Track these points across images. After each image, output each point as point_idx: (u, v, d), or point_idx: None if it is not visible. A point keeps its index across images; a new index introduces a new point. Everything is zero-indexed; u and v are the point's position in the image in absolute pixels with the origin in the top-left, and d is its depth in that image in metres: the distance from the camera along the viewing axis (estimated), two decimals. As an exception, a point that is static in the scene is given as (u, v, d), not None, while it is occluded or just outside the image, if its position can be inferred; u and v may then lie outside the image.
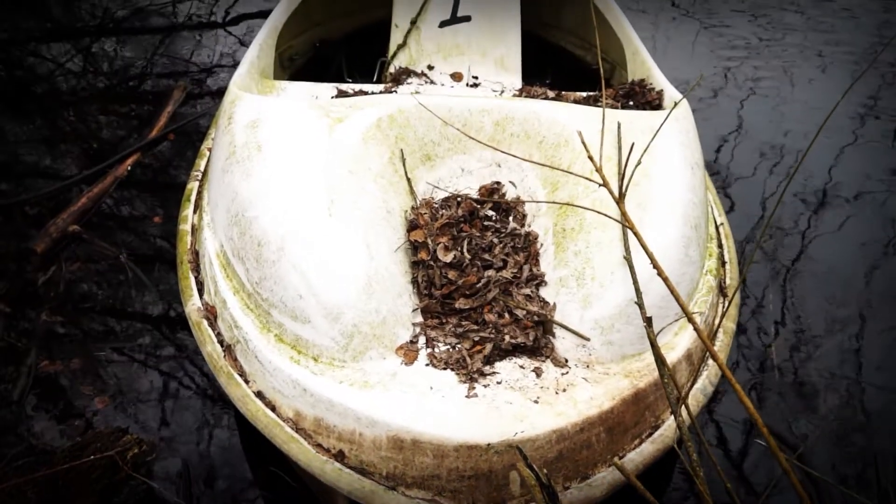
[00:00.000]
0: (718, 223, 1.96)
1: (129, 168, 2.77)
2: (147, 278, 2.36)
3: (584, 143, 1.29)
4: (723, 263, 1.81)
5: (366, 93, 2.20)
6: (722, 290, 1.74)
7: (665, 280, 1.23)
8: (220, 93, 3.33)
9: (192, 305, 1.66)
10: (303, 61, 2.89)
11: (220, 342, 1.57)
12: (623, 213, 1.24)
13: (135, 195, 2.74)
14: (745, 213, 2.73)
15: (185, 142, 2.94)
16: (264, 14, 4.07)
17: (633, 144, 1.30)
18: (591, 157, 1.23)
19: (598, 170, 1.23)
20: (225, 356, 1.54)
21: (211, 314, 1.63)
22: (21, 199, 2.61)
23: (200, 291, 1.70)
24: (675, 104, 1.79)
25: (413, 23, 2.37)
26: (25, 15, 4.10)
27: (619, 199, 1.24)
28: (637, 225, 1.48)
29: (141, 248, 2.50)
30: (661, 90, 2.20)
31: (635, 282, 1.34)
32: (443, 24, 2.37)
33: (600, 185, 1.24)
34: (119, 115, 3.27)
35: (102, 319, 2.26)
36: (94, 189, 2.61)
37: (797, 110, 3.41)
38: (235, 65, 3.60)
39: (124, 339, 2.19)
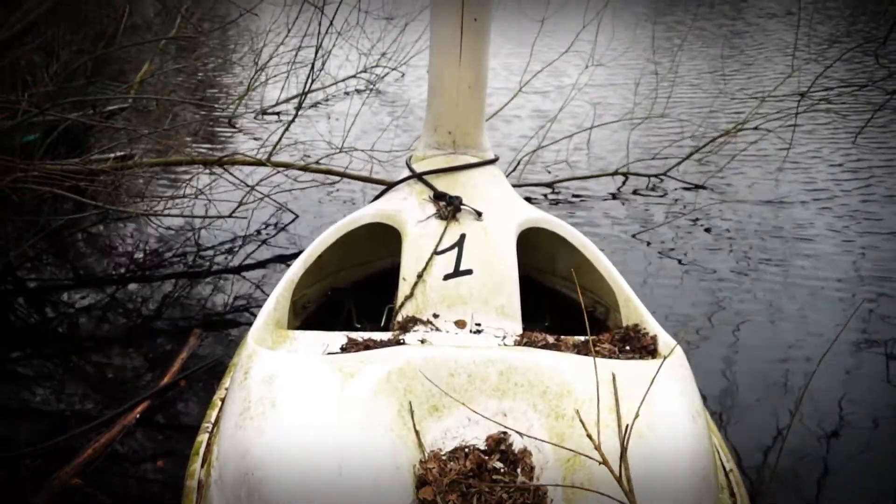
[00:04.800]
0: (728, 469, 1.95)
1: (137, 416, 2.80)
2: (144, 536, 2.27)
3: (582, 421, 1.36)
4: (738, 514, 1.77)
5: (375, 341, 2.32)
6: (741, 544, 1.69)
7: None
8: (233, 338, 3.47)
9: (194, 573, 1.60)
10: (315, 308, 3.07)
11: None
12: (627, 493, 1.28)
13: (141, 440, 2.74)
14: (753, 452, 2.70)
15: (196, 388, 3.01)
16: (277, 259, 4.41)
17: (630, 421, 1.37)
18: (589, 436, 1.30)
19: (598, 447, 1.29)
20: None
21: (212, 582, 1.56)
22: (24, 452, 2.60)
23: (203, 555, 1.64)
24: (669, 353, 1.89)
25: (419, 276, 2.56)
26: (55, 264, 4.42)
27: (620, 478, 1.28)
28: (644, 480, 1.48)
29: (142, 498, 2.44)
30: (655, 335, 2.32)
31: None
32: (447, 277, 2.57)
33: (601, 462, 1.29)
34: (133, 360, 3.37)
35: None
36: (100, 440, 2.61)
37: (791, 341, 3.53)
38: (249, 309, 3.82)
39: None
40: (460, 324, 2.50)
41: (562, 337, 2.36)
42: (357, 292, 3.15)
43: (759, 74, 7.78)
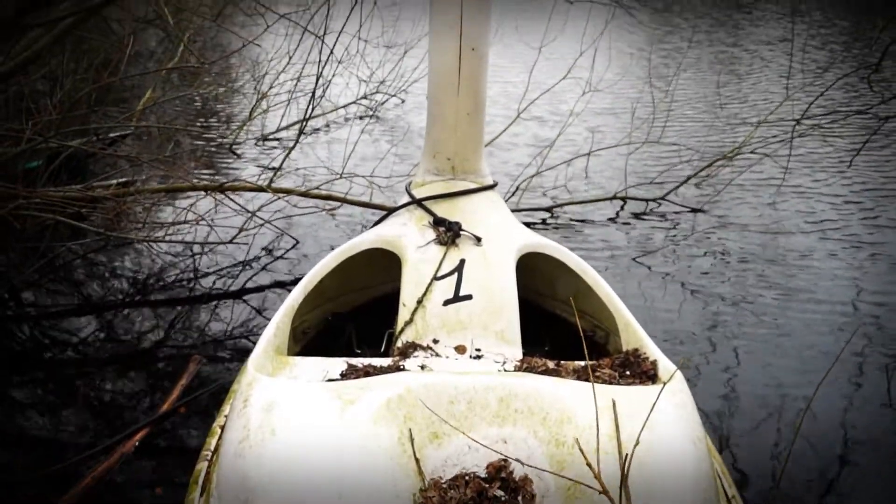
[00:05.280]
0: (730, 496, 1.94)
1: (136, 443, 2.78)
2: (142, 565, 2.25)
3: (581, 450, 1.36)
4: (741, 541, 1.76)
5: (375, 367, 2.32)
6: (744, 572, 1.67)
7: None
8: (233, 364, 3.46)
9: None
10: (315, 333, 3.07)
11: None
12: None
13: (139, 468, 2.73)
14: (755, 478, 2.69)
15: (196, 415, 3.00)
16: (277, 285, 4.42)
17: (630, 450, 1.37)
18: (589, 465, 1.30)
19: (598, 476, 1.29)
20: None
21: None
22: (22, 480, 2.58)
23: (201, 586, 1.63)
24: (669, 378, 1.89)
25: (419, 302, 2.57)
26: (55, 290, 4.42)
27: None
28: (647, 507, 1.48)
29: (138, 529, 2.42)
30: (655, 360, 2.32)
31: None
32: (447, 303, 2.57)
33: (601, 492, 1.29)
34: (132, 387, 3.37)
35: None
36: (99, 467, 2.60)
37: (791, 364, 3.52)
38: (249, 335, 3.82)
39: None
40: (460, 349, 2.50)
41: (562, 362, 2.36)
42: (357, 317, 3.16)
43: (758, 101, 7.87)
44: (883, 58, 4.42)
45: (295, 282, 2.84)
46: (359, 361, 2.35)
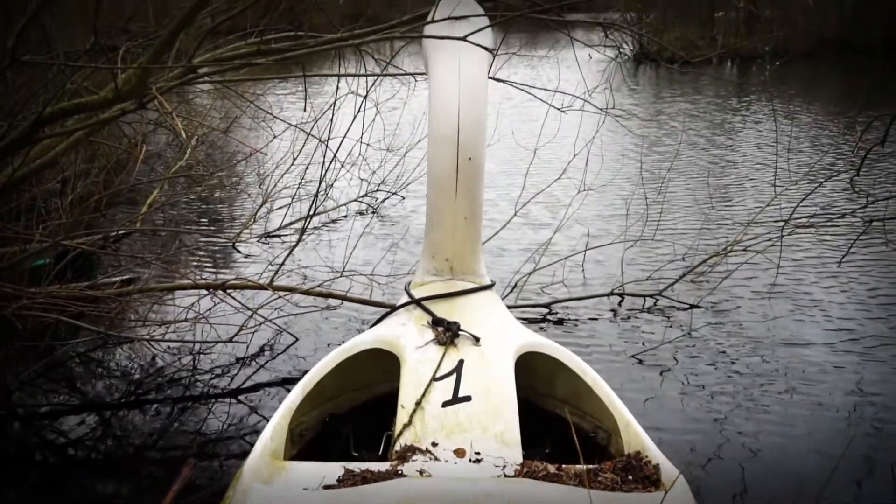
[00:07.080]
0: None
1: (126, 555, 2.69)
2: None
3: None
4: None
5: (373, 472, 2.28)
6: None
7: None
8: (229, 469, 3.39)
9: None
10: (312, 435, 3.03)
11: None
12: None
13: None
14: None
15: (188, 523, 2.91)
16: (276, 383, 4.38)
17: None
18: None
19: None
20: None
21: None
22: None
23: None
24: (671, 485, 1.87)
25: (418, 404, 2.57)
26: (50, 388, 4.38)
27: None
28: None
29: None
30: (658, 465, 2.29)
31: None
32: (445, 404, 2.57)
33: None
34: (123, 492, 3.29)
35: None
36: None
37: (797, 467, 3.45)
38: (245, 437, 3.75)
39: None
40: (459, 452, 2.47)
41: (563, 466, 2.33)
42: (355, 418, 3.13)
43: (751, 203, 8.09)
44: (863, 163, 4.60)
45: (293, 380, 2.84)
46: (356, 466, 2.32)
